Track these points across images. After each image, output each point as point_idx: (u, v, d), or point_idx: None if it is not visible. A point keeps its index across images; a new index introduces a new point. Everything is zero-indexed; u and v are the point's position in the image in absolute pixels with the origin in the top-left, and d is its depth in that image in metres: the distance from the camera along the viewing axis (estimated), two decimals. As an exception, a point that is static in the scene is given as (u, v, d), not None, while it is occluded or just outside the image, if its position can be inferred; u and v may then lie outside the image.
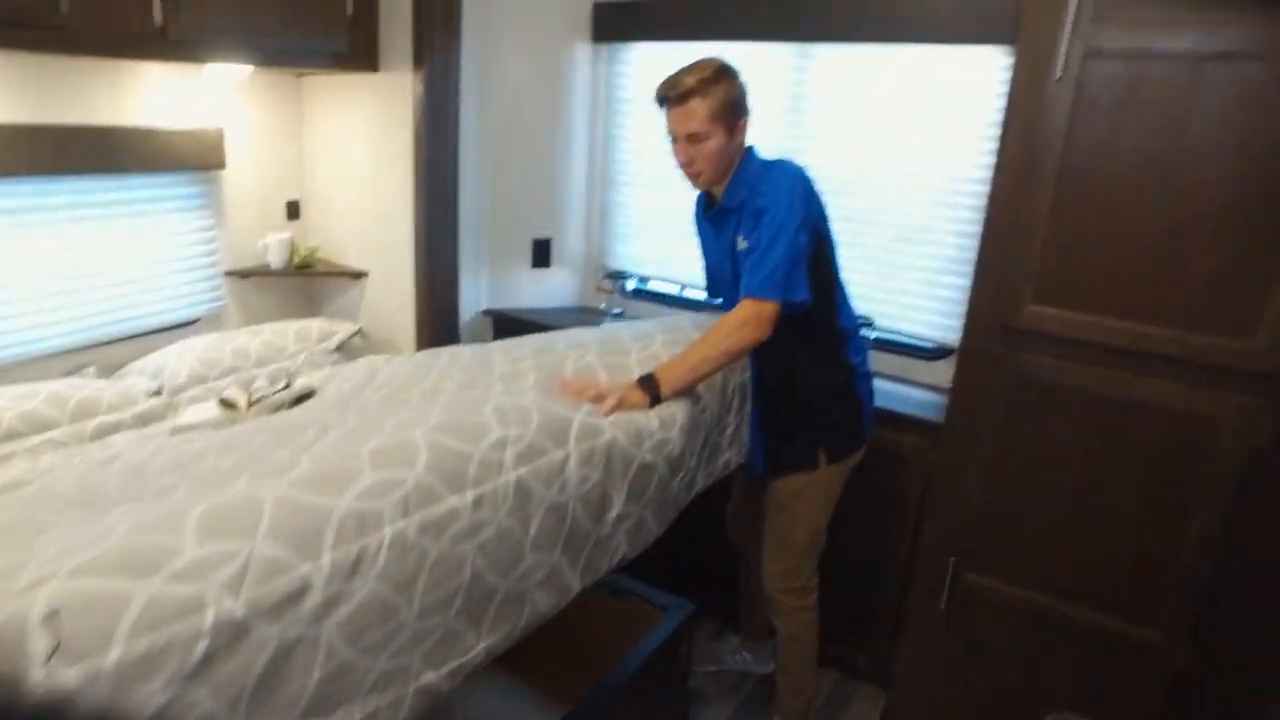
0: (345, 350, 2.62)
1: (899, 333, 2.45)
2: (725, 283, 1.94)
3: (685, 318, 2.04)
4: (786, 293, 1.67)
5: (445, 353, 1.91)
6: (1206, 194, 1.58)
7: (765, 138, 2.48)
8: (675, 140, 1.76)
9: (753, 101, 1.79)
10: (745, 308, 1.67)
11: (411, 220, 2.66)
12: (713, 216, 1.90)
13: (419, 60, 2.52)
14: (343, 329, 2.66)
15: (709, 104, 1.68)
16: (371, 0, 2.52)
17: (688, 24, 2.57)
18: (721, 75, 1.70)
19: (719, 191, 1.83)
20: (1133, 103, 1.61)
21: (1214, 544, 1.72)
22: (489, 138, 2.75)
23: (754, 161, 1.80)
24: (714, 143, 1.72)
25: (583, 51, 2.79)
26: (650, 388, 1.58)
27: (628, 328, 1.98)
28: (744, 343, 1.67)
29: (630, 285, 2.88)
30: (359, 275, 2.85)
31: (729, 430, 1.87)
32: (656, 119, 1.82)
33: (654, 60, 2.71)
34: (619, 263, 2.96)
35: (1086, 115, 1.66)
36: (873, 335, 2.42)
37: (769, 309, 1.66)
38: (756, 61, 2.45)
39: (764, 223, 1.69)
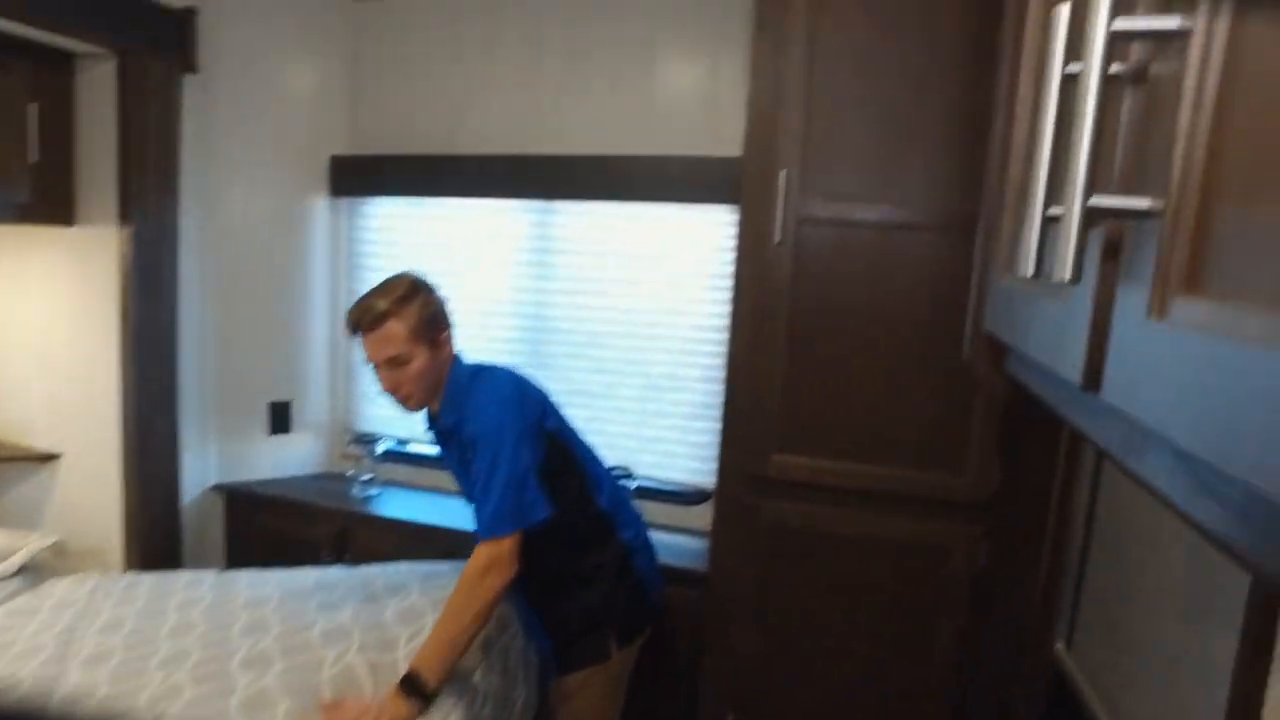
0: (30, 571, 2.02)
1: (657, 480, 2.46)
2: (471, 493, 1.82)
3: (445, 566, 1.93)
4: (521, 521, 1.58)
5: (172, 600, 1.63)
6: (912, 342, 1.76)
7: (514, 290, 2.49)
8: (376, 367, 1.63)
9: (499, 254, 1.76)
10: (481, 553, 1.56)
11: (118, 391, 2.32)
12: (437, 434, 1.81)
13: (126, 213, 2.27)
14: (27, 543, 2.06)
15: (406, 324, 1.59)
16: (63, 144, 2.26)
17: (428, 181, 2.55)
18: (415, 291, 1.63)
19: (436, 408, 1.74)
20: (844, 263, 1.78)
21: (957, 666, 1.83)
22: (216, 296, 2.51)
23: (461, 375, 1.70)
24: (418, 363, 1.61)
25: (321, 205, 2.67)
26: (416, 689, 1.46)
27: (390, 593, 1.85)
28: (494, 591, 1.55)
29: (381, 448, 2.69)
30: (48, 458, 2.42)
31: (518, 704, 1.77)
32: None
33: (398, 214, 2.65)
34: (368, 424, 2.77)
35: (806, 274, 1.80)
36: (633, 484, 2.41)
37: (507, 545, 1.56)
38: (500, 215, 2.48)
39: (479, 453, 1.60)
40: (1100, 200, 0.48)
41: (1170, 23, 0.45)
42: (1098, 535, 1.55)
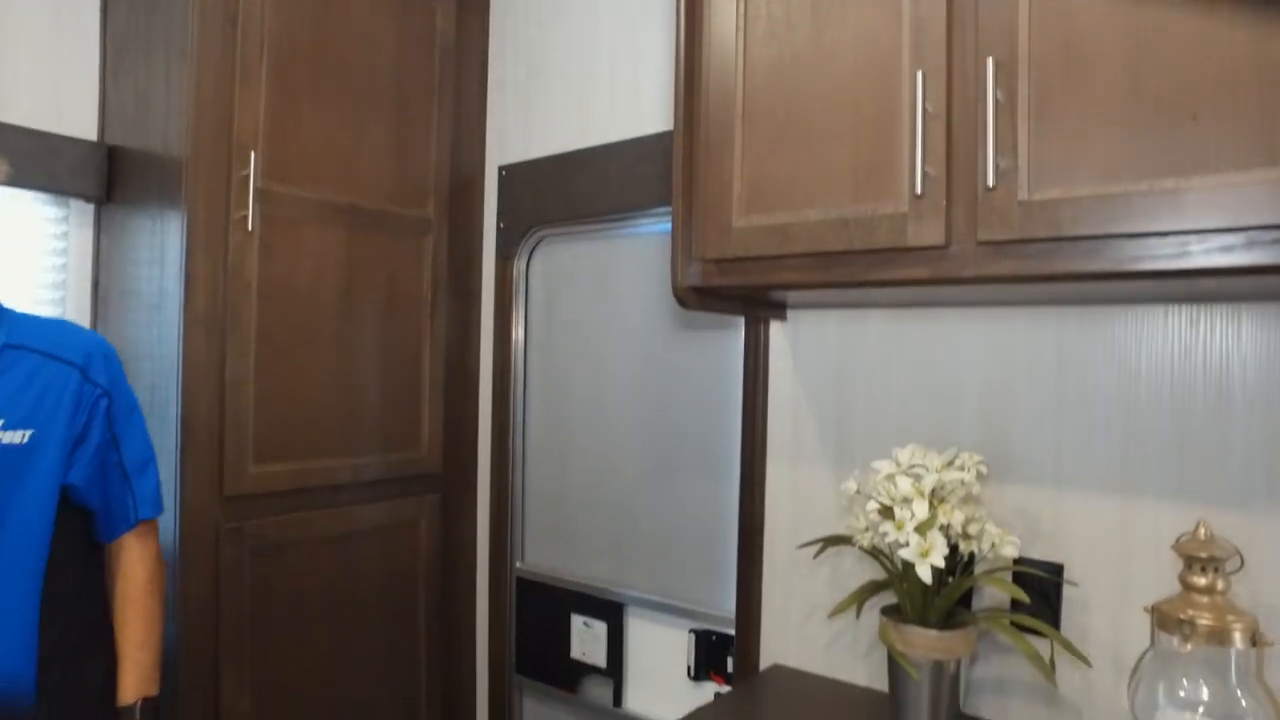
0: None
1: None
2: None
3: None
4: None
5: None
6: (371, 333, 1.90)
7: None
8: None
9: None
10: (148, 539, 1.33)
11: None
12: None
13: None
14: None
15: None
16: None
17: None
18: None
19: None
20: (312, 257, 1.78)
21: (438, 638, 2.05)
22: None
23: None
24: None
25: None
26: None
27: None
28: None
29: None
30: None
31: None
32: None
33: None
34: None
35: (271, 270, 1.73)
36: None
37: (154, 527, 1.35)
38: None
39: (128, 407, 1.32)
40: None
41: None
42: (531, 473, 2.05)
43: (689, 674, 1.74)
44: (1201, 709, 1.05)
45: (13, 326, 1.21)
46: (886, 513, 1.18)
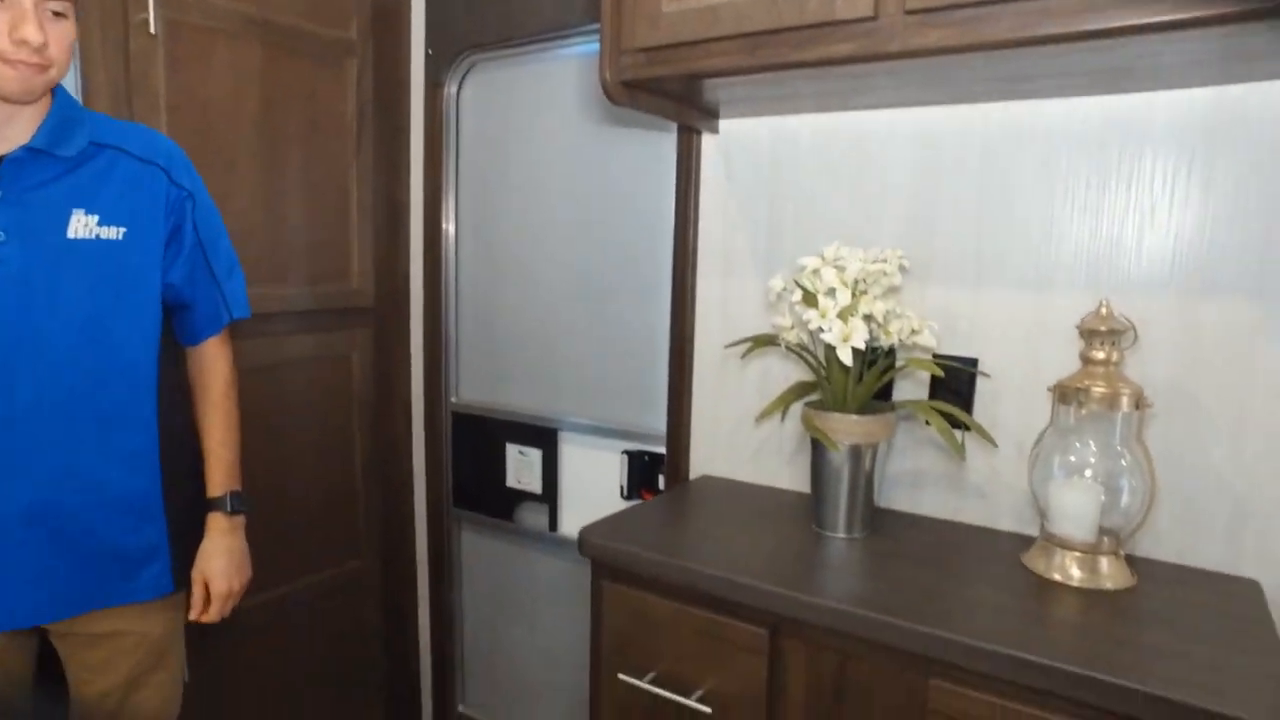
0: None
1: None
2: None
3: None
4: None
5: None
6: (294, 160, 1.83)
7: None
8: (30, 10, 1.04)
9: None
10: (229, 342, 1.36)
11: None
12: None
13: None
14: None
15: None
16: None
17: None
18: None
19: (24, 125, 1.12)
20: (209, 66, 1.69)
21: (376, 475, 2.07)
22: None
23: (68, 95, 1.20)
24: (72, 28, 1.11)
25: None
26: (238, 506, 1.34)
27: None
28: None
29: None
30: None
31: None
32: None
33: None
34: None
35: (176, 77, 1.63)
36: None
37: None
38: None
39: (208, 207, 1.30)
40: None
41: None
42: (465, 306, 2.04)
43: (622, 494, 1.80)
44: (1089, 471, 1.13)
45: (94, 125, 1.18)
46: (810, 300, 1.20)
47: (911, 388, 1.39)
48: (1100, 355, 1.11)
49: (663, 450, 1.70)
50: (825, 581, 1.12)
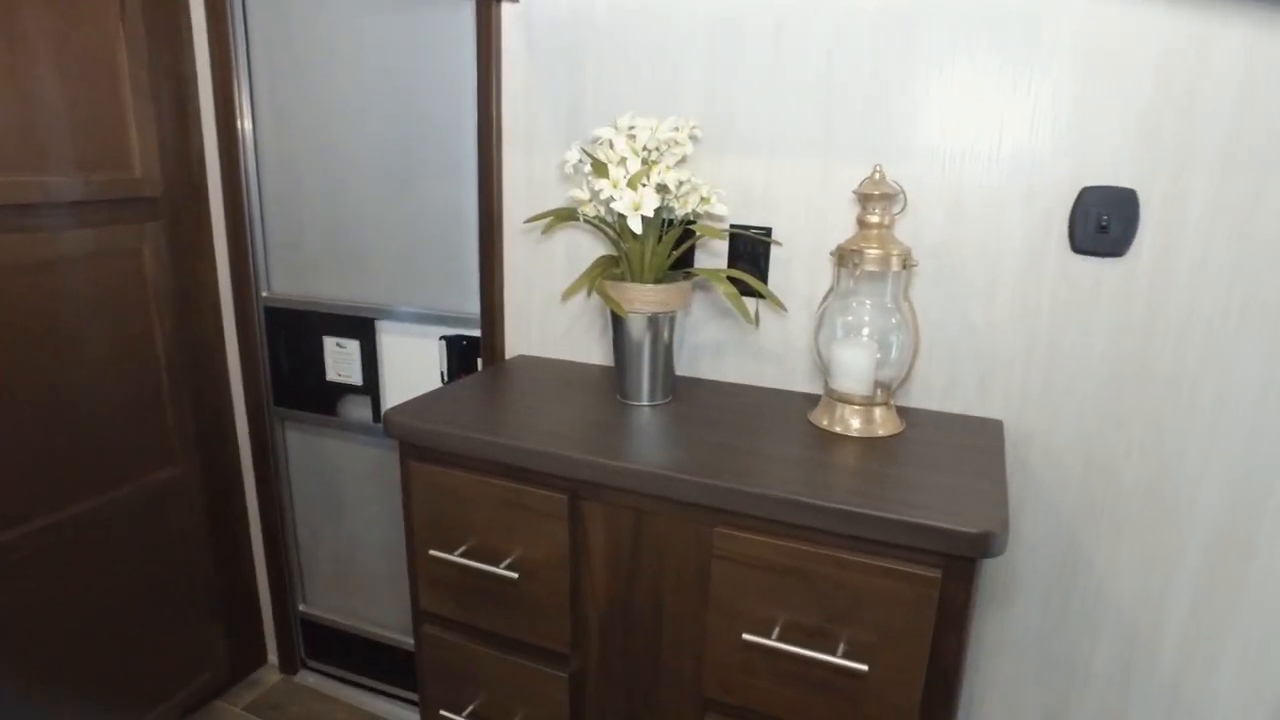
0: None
1: None
2: None
3: None
4: None
5: None
6: (26, 21, 1.61)
7: None
8: None
9: None
10: None
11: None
12: None
13: None
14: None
15: None
16: None
17: None
18: None
19: None
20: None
21: (185, 379, 1.94)
22: None
23: None
24: None
25: None
26: None
27: None
28: None
29: None
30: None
31: None
32: None
33: None
34: None
35: None
36: None
37: None
38: None
39: None
40: None
41: None
42: (268, 195, 1.90)
43: (442, 380, 1.78)
44: (865, 330, 1.20)
45: None
46: (601, 170, 1.19)
47: (713, 259, 1.43)
48: (874, 219, 1.17)
49: (479, 333, 1.68)
50: (624, 447, 1.16)
